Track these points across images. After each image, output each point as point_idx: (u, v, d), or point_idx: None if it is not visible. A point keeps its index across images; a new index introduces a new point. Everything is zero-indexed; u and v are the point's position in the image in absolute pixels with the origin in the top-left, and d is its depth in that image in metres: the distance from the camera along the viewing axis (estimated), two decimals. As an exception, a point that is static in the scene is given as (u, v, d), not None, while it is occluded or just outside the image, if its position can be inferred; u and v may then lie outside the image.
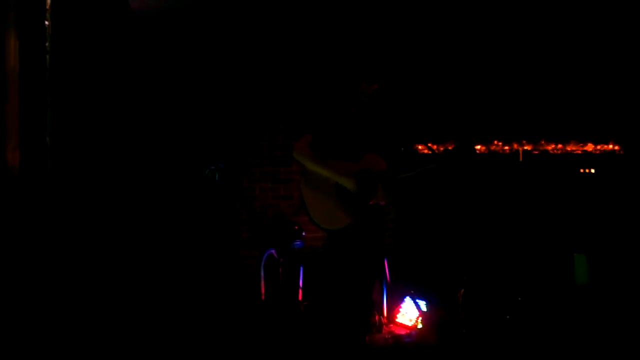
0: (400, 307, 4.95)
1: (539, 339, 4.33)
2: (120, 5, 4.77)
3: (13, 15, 2.98)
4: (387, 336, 4.68)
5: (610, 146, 6.04)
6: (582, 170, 6.13)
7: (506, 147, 6.00)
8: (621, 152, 6.19)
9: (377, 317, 4.79)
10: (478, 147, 5.89)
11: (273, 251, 5.15)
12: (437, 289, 4.96)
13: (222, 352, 4.17)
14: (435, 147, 4.17)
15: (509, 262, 5.27)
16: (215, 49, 5.61)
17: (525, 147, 6.14)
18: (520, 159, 6.04)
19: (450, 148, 3.83)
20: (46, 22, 3.17)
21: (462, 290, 4.70)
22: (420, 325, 4.70)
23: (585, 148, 6.18)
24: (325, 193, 3.56)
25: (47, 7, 3.17)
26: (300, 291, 5.12)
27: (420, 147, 5.05)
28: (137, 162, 5.15)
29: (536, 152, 6.18)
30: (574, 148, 6.25)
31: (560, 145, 6.15)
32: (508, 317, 4.54)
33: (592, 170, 6.06)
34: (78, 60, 3.78)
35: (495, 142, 5.85)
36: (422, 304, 4.78)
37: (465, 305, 4.65)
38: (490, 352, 4.23)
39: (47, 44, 3.15)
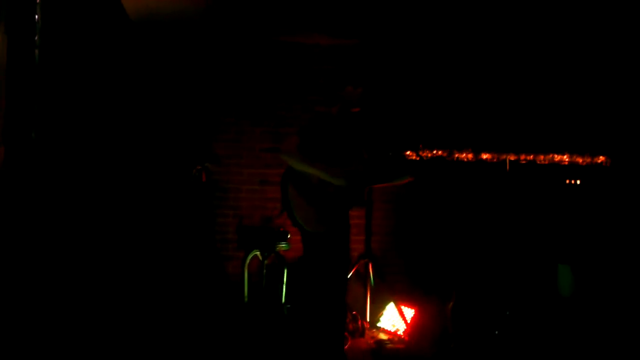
0: (384, 313, 4.96)
1: (526, 355, 4.34)
2: (112, 8, 4.76)
3: (2, 9, 2.95)
4: (369, 341, 4.68)
5: (598, 158, 6.06)
6: (568, 181, 6.15)
7: (494, 157, 6.01)
8: (607, 164, 6.21)
9: (359, 322, 4.79)
10: (465, 155, 5.90)
11: (258, 253, 5.14)
12: (423, 295, 4.97)
13: (204, 354, 4.15)
14: (423, 153, 4.19)
15: (495, 272, 5.28)
16: (206, 52, 5.61)
17: (512, 157, 6.15)
18: (507, 168, 6.04)
19: (431, 155, 3.84)
20: (36, 16, 3.15)
21: (451, 304, 4.71)
22: (401, 332, 4.70)
23: (572, 159, 6.20)
24: (311, 195, 3.56)
25: (38, 0, 3.14)
26: (284, 294, 5.12)
27: (406, 153, 5.06)
28: (123, 159, 5.13)
29: (523, 162, 6.18)
30: (561, 158, 6.26)
31: (547, 156, 6.16)
32: (496, 332, 4.55)
33: (578, 182, 6.08)
34: (68, 57, 3.76)
35: (484, 151, 5.86)
36: (406, 310, 4.79)
37: (454, 319, 4.67)
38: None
39: (36, 39, 3.12)
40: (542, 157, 6.14)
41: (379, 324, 4.93)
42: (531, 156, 6.09)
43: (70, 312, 3.69)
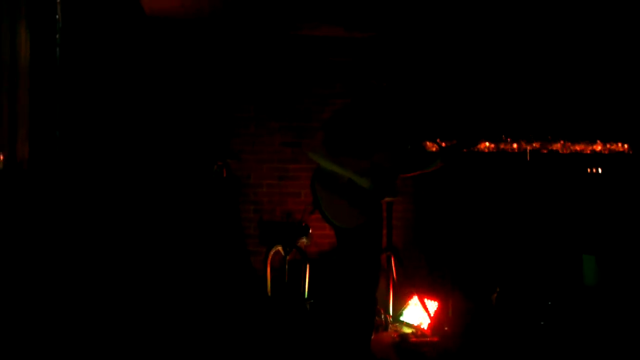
0: (407, 306, 4.93)
1: (550, 343, 4.32)
2: (131, 5, 4.76)
3: (24, 8, 2.96)
4: (393, 334, 4.66)
5: (620, 145, 6.00)
6: (589, 171, 6.09)
7: (514, 146, 5.96)
8: (630, 152, 6.14)
9: (383, 315, 4.77)
10: (487, 144, 5.86)
11: (279, 248, 5.14)
12: (446, 288, 4.94)
13: (227, 348, 4.15)
14: (444, 144, 4.15)
15: (521, 263, 5.25)
16: (223, 47, 5.60)
17: (534, 146, 6.10)
18: (528, 158, 5.99)
19: (454, 143, 3.84)
20: (57, 16, 3.15)
21: (495, 294, 4.72)
22: (425, 325, 4.68)
23: (594, 147, 6.14)
24: (340, 191, 3.56)
25: (58, 0, 3.15)
26: (307, 289, 5.11)
27: (429, 144, 5.03)
28: (146, 156, 5.14)
29: (544, 151, 6.14)
30: (582, 147, 6.20)
31: (568, 144, 6.11)
32: (542, 322, 4.54)
33: (600, 170, 6.02)
34: (88, 55, 3.76)
35: (504, 140, 5.82)
36: (430, 304, 4.76)
37: (499, 308, 4.66)
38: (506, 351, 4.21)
39: (57, 37, 3.13)
40: (562, 146, 6.08)
41: (402, 318, 4.90)
42: (552, 145, 6.03)
43: (97, 307, 3.71)
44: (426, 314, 4.69)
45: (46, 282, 3.04)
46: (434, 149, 4.97)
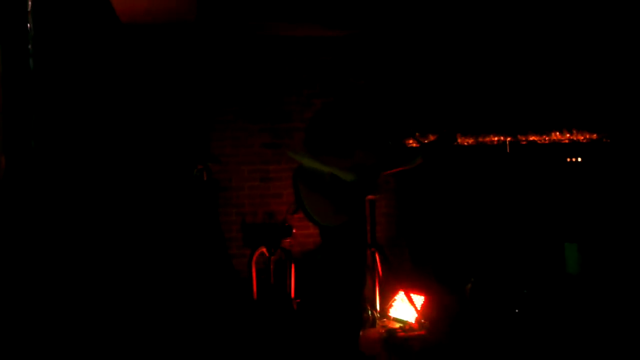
0: (394, 301, 4.95)
1: (545, 332, 4.34)
2: (105, 13, 4.74)
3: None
4: (380, 330, 4.67)
5: (597, 135, 6.05)
6: (569, 160, 6.14)
7: (494, 138, 6.00)
8: (608, 140, 6.20)
9: (370, 312, 4.78)
10: (466, 138, 5.89)
11: (264, 249, 5.14)
12: (432, 282, 4.97)
13: (215, 353, 4.14)
14: (424, 140, 4.18)
15: (504, 253, 5.28)
16: (199, 52, 5.59)
17: (512, 138, 6.13)
18: (508, 150, 6.03)
19: (434, 139, 3.87)
20: (28, 25, 3.12)
21: (469, 285, 4.73)
22: (412, 320, 4.70)
23: (572, 137, 6.18)
24: (323, 189, 3.57)
25: (29, 9, 3.12)
26: (293, 289, 5.11)
27: (409, 140, 5.05)
28: (123, 162, 5.11)
29: (523, 143, 6.17)
30: (560, 137, 6.24)
31: (547, 135, 6.15)
32: (517, 310, 4.56)
33: (579, 159, 6.07)
34: (62, 63, 3.74)
35: (483, 134, 5.85)
36: (416, 298, 4.78)
37: (473, 299, 4.68)
38: (490, 346, 4.23)
39: (29, 47, 3.10)
40: (541, 136, 6.13)
41: (389, 313, 4.92)
42: (530, 137, 6.07)
43: (75, 315, 3.68)
44: (413, 308, 4.71)
45: (25, 287, 3.02)
46: (414, 145, 5.00)
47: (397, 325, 4.77)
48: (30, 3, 3.12)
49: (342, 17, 5.23)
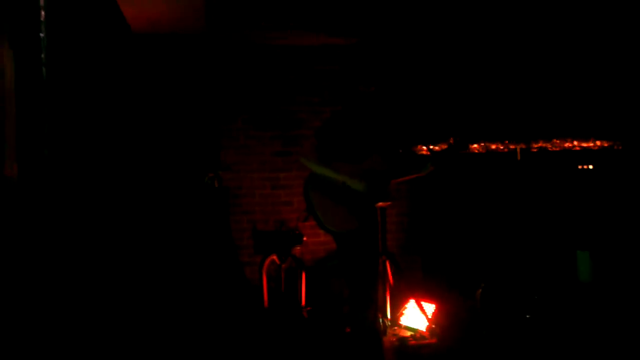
0: (404, 310, 4.93)
1: (557, 337, 4.31)
2: (116, 22, 4.78)
3: (7, 27, 2.96)
4: (391, 339, 4.65)
5: (609, 142, 6.02)
6: (580, 167, 6.11)
7: (504, 145, 5.98)
8: (619, 148, 6.17)
9: (381, 320, 4.76)
10: (476, 146, 5.88)
11: (275, 257, 5.13)
12: (443, 290, 4.94)
13: (226, 361, 4.14)
14: (434, 147, 4.19)
15: (516, 261, 5.25)
16: (209, 60, 5.61)
17: (523, 145, 6.11)
18: (519, 157, 6.01)
19: (446, 147, 3.87)
20: (41, 34, 3.15)
21: (480, 290, 4.70)
22: (424, 328, 4.67)
23: (583, 144, 6.16)
24: (334, 196, 3.58)
25: (42, 18, 3.15)
26: (304, 297, 5.10)
27: (419, 147, 5.05)
28: (135, 169, 5.13)
29: (534, 150, 6.15)
30: (571, 145, 6.22)
31: (558, 142, 6.13)
32: (528, 316, 4.54)
33: (591, 167, 6.04)
34: (74, 72, 3.77)
35: (494, 141, 5.84)
36: (427, 306, 4.76)
37: (484, 305, 4.65)
38: (503, 352, 4.21)
39: (43, 56, 3.13)
40: (552, 144, 6.10)
41: (400, 322, 4.89)
42: (541, 144, 6.05)
43: (84, 321, 3.69)
44: (424, 316, 4.68)
45: (35, 290, 3.03)
46: (425, 153, 5.00)
47: (409, 333, 4.74)
48: (43, 13, 3.15)
49: (349, 26, 5.25)
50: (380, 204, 3.67)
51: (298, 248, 5.11)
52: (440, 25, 5.40)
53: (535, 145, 6.06)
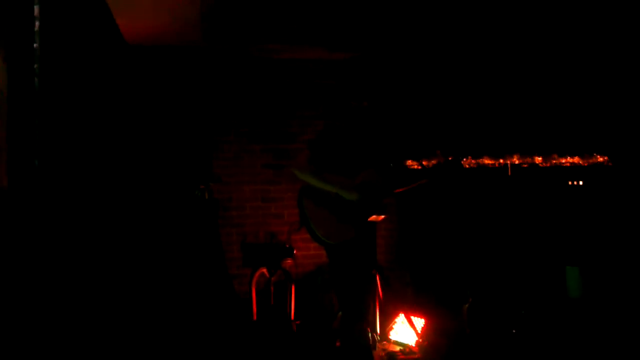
0: (394, 324, 4.93)
1: (543, 352, 4.32)
2: (111, 34, 4.78)
3: (0, 37, 2.96)
4: (380, 353, 4.65)
5: (599, 158, 6.06)
6: (570, 183, 6.14)
7: (495, 162, 6.02)
8: (609, 164, 6.21)
9: (370, 334, 4.76)
10: (469, 160, 5.91)
11: (264, 270, 5.12)
12: (432, 305, 4.95)
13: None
14: (425, 162, 4.21)
15: (505, 276, 5.27)
16: (203, 73, 5.62)
17: (514, 161, 6.15)
18: (509, 173, 6.04)
19: (440, 162, 3.89)
20: (35, 45, 3.15)
21: (467, 305, 4.71)
22: (413, 343, 4.67)
23: (573, 161, 6.20)
24: (328, 207, 3.59)
25: (36, 28, 3.15)
26: (293, 310, 5.09)
27: (409, 162, 5.07)
28: (127, 180, 5.12)
29: (525, 166, 6.19)
30: (562, 160, 6.26)
31: (548, 158, 6.16)
32: (514, 331, 4.55)
33: (581, 183, 6.08)
34: (68, 84, 3.76)
35: (485, 157, 5.87)
36: (416, 321, 4.76)
37: (471, 320, 4.66)
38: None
39: (36, 67, 3.12)
40: (542, 160, 6.14)
41: (389, 336, 4.89)
42: (532, 160, 6.09)
43: (75, 337, 3.67)
44: (413, 331, 4.69)
45: (25, 301, 3.02)
46: (416, 168, 5.01)
47: (398, 348, 4.74)
48: (37, 23, 3.15)
49: (346, 40, 5.27)
50: (373, 217, 3.69)
51: (288, 261, 5.11)
52: (434, 42, 5.43)
53: (526, 161, 6.10)
